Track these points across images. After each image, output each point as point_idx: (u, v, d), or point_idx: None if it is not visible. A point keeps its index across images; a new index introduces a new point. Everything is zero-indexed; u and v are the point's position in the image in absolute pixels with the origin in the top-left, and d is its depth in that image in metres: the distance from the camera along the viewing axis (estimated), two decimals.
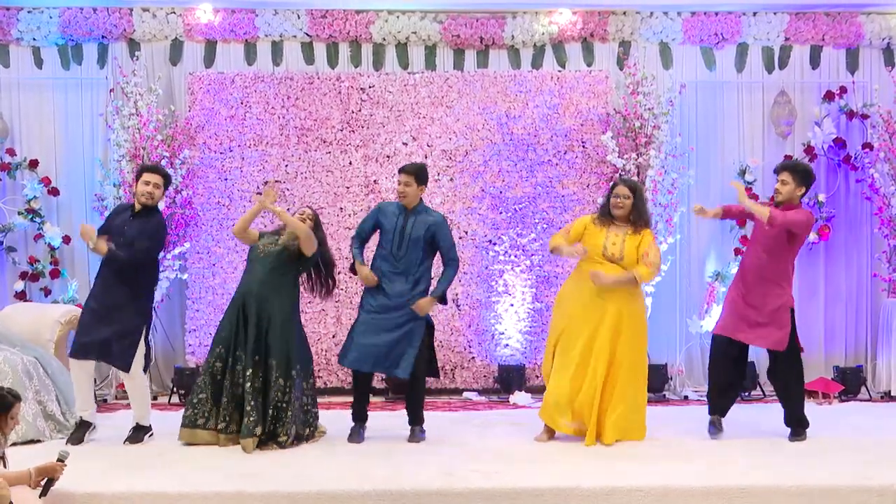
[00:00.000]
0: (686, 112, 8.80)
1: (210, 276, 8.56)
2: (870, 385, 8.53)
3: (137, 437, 6.38)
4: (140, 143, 8.24)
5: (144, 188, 6.35)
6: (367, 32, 8.74)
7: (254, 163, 8.59)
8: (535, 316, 8.58)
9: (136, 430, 6.42)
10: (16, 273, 8.55)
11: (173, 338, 8.66)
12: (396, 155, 8.59)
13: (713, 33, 8.80)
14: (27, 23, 8.58)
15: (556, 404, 6.32)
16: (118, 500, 4.92)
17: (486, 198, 8.62)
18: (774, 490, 5.04)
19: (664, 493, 5.00)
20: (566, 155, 8.63)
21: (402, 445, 6.22)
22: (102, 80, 8.70)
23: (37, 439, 6.31)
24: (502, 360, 8.53)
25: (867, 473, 5.27)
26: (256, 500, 4.94)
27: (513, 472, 5.36)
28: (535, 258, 8.61)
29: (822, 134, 8.64)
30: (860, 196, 8.78)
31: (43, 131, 8.73)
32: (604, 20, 8.76)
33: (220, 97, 8.59)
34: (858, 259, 8.90)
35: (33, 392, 6.46)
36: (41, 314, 7.47)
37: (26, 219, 8.47)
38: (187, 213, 8.50)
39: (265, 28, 8.71)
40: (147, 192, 6.35)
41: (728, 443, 6.23)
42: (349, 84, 8.64)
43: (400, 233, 6.45)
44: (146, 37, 8.70)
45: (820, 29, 8.80)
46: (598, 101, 8.65)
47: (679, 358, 8.66)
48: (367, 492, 4.98)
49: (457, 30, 8.72)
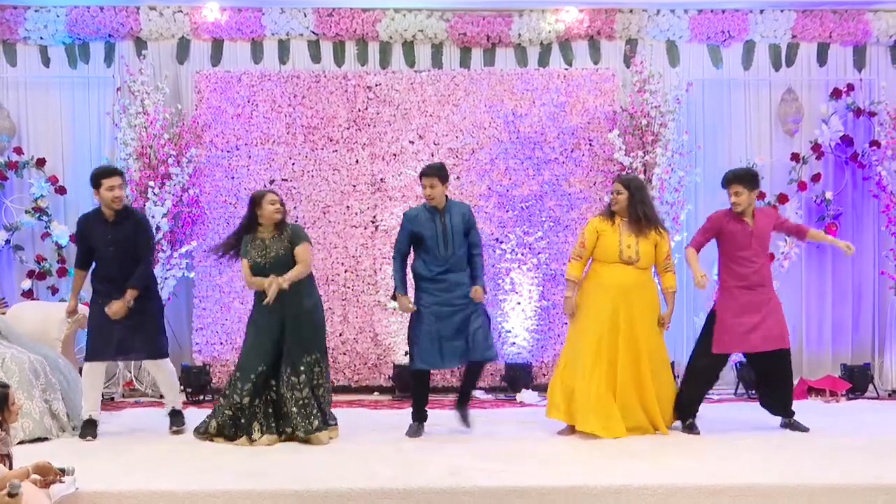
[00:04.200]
0: (693, 110, 8.78)
1: (217, 274, 8.57)
2: (877, 383, 8.51)
3: (182, 420, 6.51)
4: (147, 142, 8.25)
5: (110, 194, 6.34)
6: (373, 31, 8.74)
7: (260, 161, 8.60)
8: (542, 314, 8.57)
9: (179, 415, 6.55)
10: (23, 272, 8.56)
11: (180, 336, 8.67)
12: (403, 153, 8.59)
13: (720, 31, 8.78)
14: (34, 21, 8.59)
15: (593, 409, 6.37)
16: (125, 498, 4.92)
17: (493, 196, 8.61)
18: (782, 488, 5.03)
19: (672, 491, 4.99)
20: (573, 153, 8.62)
21: (409, 444, 6.23)
22: (109, 78, 8.71)
23: (44, 437, 6.32)
24: (509, 358, 8.53)
25: (875, 472, 5.25)
26: (264, 498, 4.94)
27: (520, 470, 5.35)
28: (541, 256, 8.60)
29: (829, 131, 8.62)
30: (867, 193, 8.76)
31: (50, 130, 8.75)
32: (610, 18, 8.75)
33: (227, 96, 8.60)
34: (865, 257, 8.87)
35: (40, 390, 6.47)
36: (48, 313, 7.47)
37: (33, 217, 8.49)
38: (194, 211, 8.51)
39: (272, 26, 8.71)
40: (114, 197, 6.35)
41: (736, 441, 6.21)
42: (356, 82, 8.64)
43: (443, 234, 6.49)
44: (153, 35, 8.71)
45: (827, 26, 8.78)
46: (604, 99, 8.64)
47: (686, 356, 8.63)
48: (374, 490, 4.98)
49: (463, 28, 8.71)
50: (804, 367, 8.61)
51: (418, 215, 6.59)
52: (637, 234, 6.48)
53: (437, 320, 6.44)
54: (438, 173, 6.53)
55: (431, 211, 6.55)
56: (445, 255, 6.49)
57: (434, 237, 6.49)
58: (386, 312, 8.52)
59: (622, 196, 6.49)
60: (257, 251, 6.37)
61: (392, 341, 8.52)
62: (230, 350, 8.53)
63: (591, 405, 6.33)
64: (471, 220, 6.62)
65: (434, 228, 6.50)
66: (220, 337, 8.56)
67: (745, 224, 6.57)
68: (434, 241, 6.49)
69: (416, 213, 6.61)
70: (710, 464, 5.49)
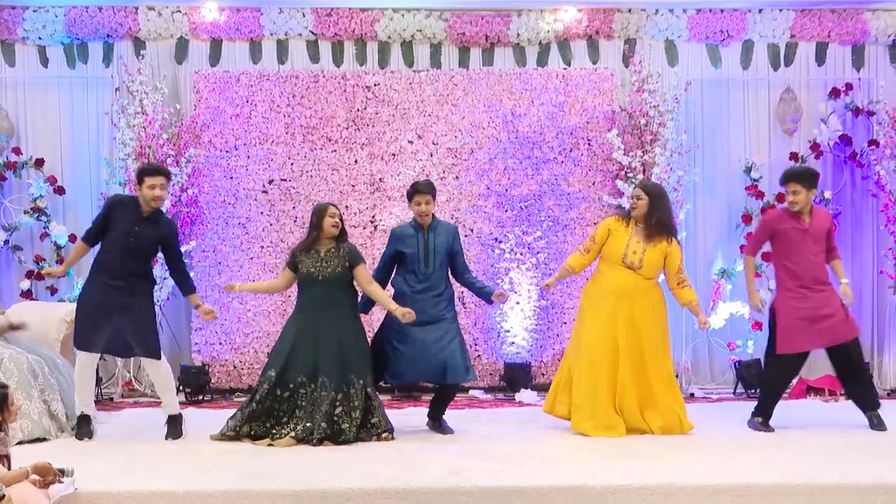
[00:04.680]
0: (692, 109, 8.79)
1: (216, 274, 8.57)
2: (876, 382, 8.50)
3: (179, 427, 6.42)
4: (145, 142, 8.24)
5: (151, 192, 6.26)
6: (372, 31, 8.73)
7: (259, 161, 8.60)
8: (541, 314, 8.57)
9: (175, 422, 6.43)
10: (22, 272, 8.56)
11: (179, 336, 8.67)
12: (402, 153, 8.59)
13: (719, 30, 8.79)
14: (33, 22, 8.59)
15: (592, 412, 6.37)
16: (124, 498, 4.90)
17: (492, 196, 8.61)
18: (781, 488, 5.02)
19: (671, 491, 4.98)
20: (572, 152, 8.62)
21: (409, 444, 6.22)
22: (108, 78, 8.70)
23: (43, 437, 6.30)
24: (508, 357, 8.53)
25: (874, 471, 5.25)
26: (263, 499, 4.93)
27: (520, 470, 5.34)
28: (540, 256, 8.60)
29: (827, 131, 8.62)
30: (866, 193, 8.76)
31: (48, 130, 8.74)
32: (609, 18, 8.75)
33: (226, 96, 8.60)
34: (864, 256, 8.88)
35: (38, 391, 6.45)
36: (47, 313, 7.47)
37: (32, 217, 8.48)
38: (193, 211, 8.50)
39: (270, 26, 8.71)
40: (156, 197, 6.27)
41: (735, 440, 6.21)
42: (354, 82, 8.63)
43: (425, 251, 6.46)
44: (151, 35, 8.70)
45: (825, 26, 8.79)
46: (603, 98, 8.64)
47: (685, 356, 8.65)
48: (373, 490, 4.96)
49: (462, 28, 8.71)
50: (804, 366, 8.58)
51: (403, 232, 6.56)
52: (647, 241, 6.44)
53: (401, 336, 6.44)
54: (433, 191, 6.52)
55: (416, 228, 6.52)
56: (426, 272, 6.46)
57: (415, 254, 6.47)
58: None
59: (642, 202, 6.44)
60: (312, 261, 6.34)
61: None
62: (229, 350, 8.53)
63: (588, 406, 6.34)
64: (456, 243, 6.56)
65: (416, 245, 6.48)
66: (220, 337, 8.56)
67: (802, 222, 6.51)
68: (415, 258, 6.47)
69: (401, 231, 6.58)
70: (710, 464, 5.49)
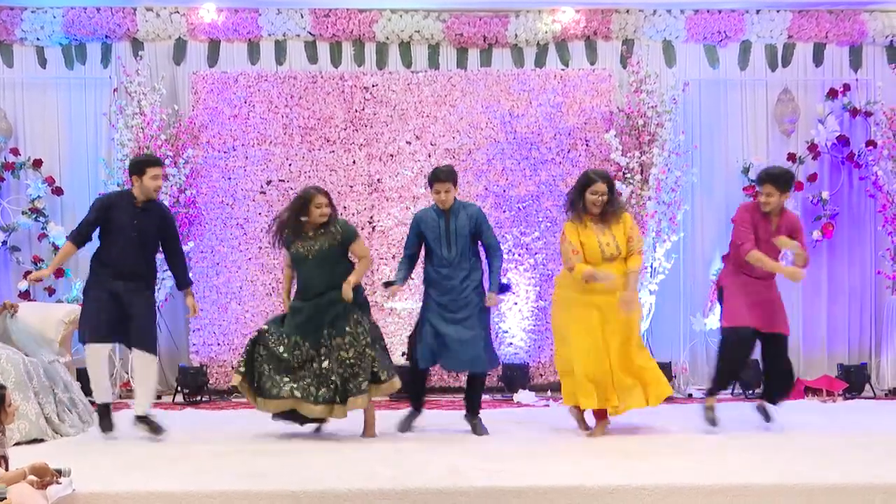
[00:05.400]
0: (689, 110, 8.79)
1: (214, 275, 8.57)
2: (874, 382, 8.52)
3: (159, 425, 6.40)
4: (144, 143, 8.24)
5: (154, 183, 6.35)
6: (370, 31, 8.73)
7: (257, 162, 8.60)
8: (539, 314, 8.57)
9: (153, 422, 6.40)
10: (20, 272, 8.54)
11: (177, 336, 8.66)
12: (400, 154, 8.59)
13: (716, 31, 8.79)
14: (31, 22, 8.58)
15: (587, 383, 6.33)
16: (122, 499, 4.89)
17: (490, 196, 8.61)
18: (779, 488, 5.02)
19: (669, 491, 4.98)
20: (570, 153, 8.63)
21: (408, 444, 6.22)
22: (106, 79, 8.69)
23: (40, 438, 6.31)
24: (506, 358, 8.53)
25: (872, 472, 5.25)
26: (262, 499, 4.92)
27: (518, 470, 5.34)
28: (538, 257, 8.61)
29: (825, 131, 8.62)
30: (864, 193, 8.77)
31: (47, 131, 8.73)
32: (607, 18, 8.75)
33: (224, 96, 8.60)
34: (862, 256, 8.89)
35: (34, 392, 6.45)
36: (45, 314, 7.45)
37: (30, 218, 8.48)
38: (191, 212, 8.50)
39: (268, 27, 8.70)
40: (157, 187, 6.40)
41: (733, 440, 6.21)
42: (352, 83, 8.64)
43: (446, 235, 6.47)
44: (150, 36, 8.70)
45: (823, 26, 8.80)
46: (601, 99, 8.65)
47: (683, 356, 8.66)
48: (372, 490, 4.96)
49: (460, 28, 8.71)
50: (801, 366, 8.58)
51: (426, 216, 6.58)
52: (609, 227, 6.39)
53: (438, 322, 6.44)
54: (453, 178, 6.50)
55: (438, 212, 6.53)
56: (448, 256, 6.46)
57: (437, 238, 6.48)
58: (384, 313, 8.52)
59: (605, 198, 6.36)
60: (301, 241, 6.35)
61: (390, 341, 8.46)
62: (227, 351, 8.53)
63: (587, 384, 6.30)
64: (479, 222, 6.52)
65: (438, 230, 6.49)
66: (218, 338, 8.56)
67: (769, 223, 6.53)
68: (437, 243, 6.48)
69: (424, 214, 6.61)
70: (709, 464, 5.49)
